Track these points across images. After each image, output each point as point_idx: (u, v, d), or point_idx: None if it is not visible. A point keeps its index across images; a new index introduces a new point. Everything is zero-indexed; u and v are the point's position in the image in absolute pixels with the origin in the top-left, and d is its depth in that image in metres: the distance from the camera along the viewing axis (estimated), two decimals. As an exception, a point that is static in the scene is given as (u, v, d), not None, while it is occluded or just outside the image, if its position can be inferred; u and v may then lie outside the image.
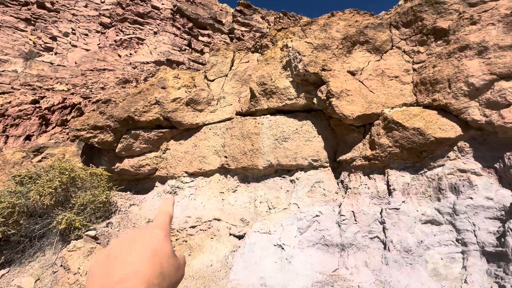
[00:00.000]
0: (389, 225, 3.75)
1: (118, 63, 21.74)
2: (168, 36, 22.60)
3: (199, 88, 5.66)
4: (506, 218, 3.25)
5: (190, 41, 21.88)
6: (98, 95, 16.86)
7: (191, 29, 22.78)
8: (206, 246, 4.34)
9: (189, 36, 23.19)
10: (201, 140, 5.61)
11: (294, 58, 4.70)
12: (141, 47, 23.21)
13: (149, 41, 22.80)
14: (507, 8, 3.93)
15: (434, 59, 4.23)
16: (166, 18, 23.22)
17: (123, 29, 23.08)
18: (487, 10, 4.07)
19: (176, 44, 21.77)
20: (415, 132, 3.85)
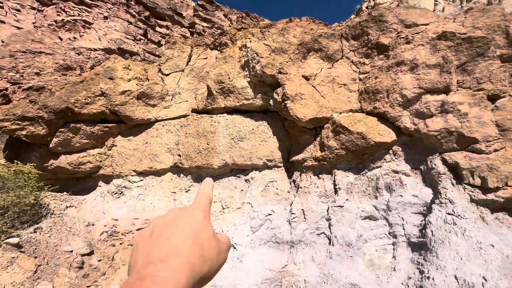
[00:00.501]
0: (334, 221, 4.04)
1: (58, 46, 19.27)
2: (121, 23, 20.83)
3: (152, 81, 5.33)
4: (427, 212, 3.78)
5: (146, 31, 20.51)
6: (32, 81, 14.71)
7: (147, 18, 21.36)
8: (154, 249, 4.10)
9: (145, 26, 21.73)
10: (153, 137, 5.28)
11: (252, 58, 4.74)
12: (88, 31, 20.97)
13: (98, 26, 20.71)
14: (433, 32, 4.57)
15: (376, 71, 4.70)
16: (119, 3, 21.36)
17: (66, 9, 20.56)
18: (419, 32, 4.68)
19: (130, 33, 20.19)
20: (358, 136, 4.22)
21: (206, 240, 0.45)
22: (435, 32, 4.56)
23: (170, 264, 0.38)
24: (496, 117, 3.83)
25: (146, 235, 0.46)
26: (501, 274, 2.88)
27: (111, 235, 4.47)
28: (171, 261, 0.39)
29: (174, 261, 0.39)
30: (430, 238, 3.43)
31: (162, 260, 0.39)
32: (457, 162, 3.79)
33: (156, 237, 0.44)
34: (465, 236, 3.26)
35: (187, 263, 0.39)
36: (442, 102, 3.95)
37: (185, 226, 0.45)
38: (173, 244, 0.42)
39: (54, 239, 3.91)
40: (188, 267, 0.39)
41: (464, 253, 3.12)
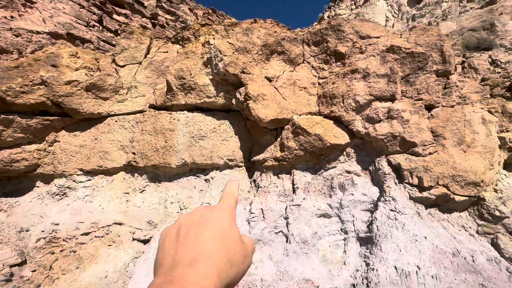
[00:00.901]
0: (292, 220, 4.17)
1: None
2: (71, 5, 18.80)
3: (104, 72, 4.89)
4: (374, 209, 4.12)
5: (101, 18, 18.84)
6: (-48, 63, 12.49)
7: (103, 3, 19.60)
8: (102, 255, 3.76)
9: (101, 12, 19.92)
10: (104, 133, 4.85)
11: (215, 56, 4.66)
12: (30, 11, 18.52)
13: (42, 6, 18.42)
14: (383, 45, 5.00)
15: (334, 77, 4.98)
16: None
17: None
18: (371, 44, 5.08)
19: (81, 17, 18.35)
20: (316, 137, 4.42)
21: (233, 243, 0.44)
22: (385, 45, 4.99)
23: (198, 269, 0.38)
24: (431, 124, 4.34)
25: (172, 233, 0.45)
26: (431, 262, 3.27)
27: (49, 241, 3.98)
28: (199, 265, 0.38)
29: (202, 266, 0.38)
30: (376, 233, 3.74)
31: (190, 264, 0.38)
32: (399, 163, 4.21)
33: (183, 236, 0.43)
34: (404, 230, 3.63)
35: (215, 268, 0.39)
36: (389, 109, 4.35)
37: (212, 228, 0.44)
38: (201, 247, 0.41)
39: (-27, 249, 3.34)
40: (215, 272, 0.38)
41: (403, 245, 3.48)
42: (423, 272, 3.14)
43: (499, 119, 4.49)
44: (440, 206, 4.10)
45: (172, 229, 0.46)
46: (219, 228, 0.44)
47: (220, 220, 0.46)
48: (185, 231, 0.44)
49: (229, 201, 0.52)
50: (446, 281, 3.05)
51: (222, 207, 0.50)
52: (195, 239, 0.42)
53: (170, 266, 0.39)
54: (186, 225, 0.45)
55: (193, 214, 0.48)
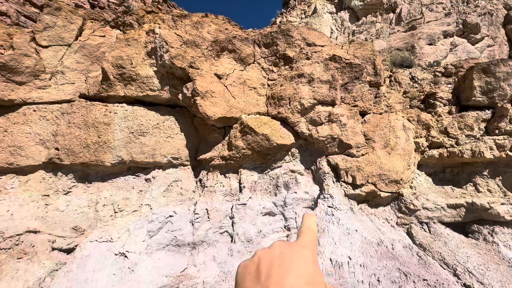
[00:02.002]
0: (237, 219, 4.14)
1: None
2: None
3: (20, 51, 4.09)
4: (314, 206, 4.39)
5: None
6: None
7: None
8: (7, 271, 3.10)
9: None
10: (17, 124, 4.05)
11: (161, 47, 4.34)
12: None
13: None
14: (327, 54, 5.39)
15: (282, 80, 5.15)
16: None
17: None
18: (316, 52, 5.42)
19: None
20: (263, 137, 4.50)
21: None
22: (328, 54, 5.39)
23: None
24: (364, 128, 4.85)
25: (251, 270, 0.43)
26: (360, 252, 3.63)
27: None
28: None
29: None
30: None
31: None
32: (337, 163, 4.58)
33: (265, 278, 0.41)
34: (339, 225, 3.95)
35: None
36: (329, 113, 4.70)
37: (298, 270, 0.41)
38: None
39: None
40: None
41: (337, 238, 3.78)
42: (353, 261, 3.46)
43: (415, 126, 5.28)
44: (369, 201, 4.61)
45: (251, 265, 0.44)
46: (305, 272, 0.42)
47: (304, 261, 0.43)
48: (267, 270, 0.42)
49: (310, 239, 0.49)
50: (371, 268, 3.42)
51: (304, 245, 0.47)
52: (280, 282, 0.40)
53: None
54: (267, 263, 0.43)
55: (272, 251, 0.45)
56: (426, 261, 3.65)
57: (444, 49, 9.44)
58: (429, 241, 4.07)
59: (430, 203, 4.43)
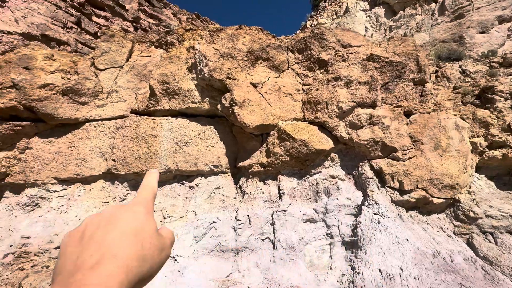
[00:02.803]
0: (278, 226, 4.15)
1: (-45, 24, 15.67)
2: (46, 6, 18.21)
3: (83, 76, 4.68)
4: (358, 213, 4.20)
5: (79, 19, 18.31)
6: None
7: (82, 5, 19.12)
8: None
9: (79, 13, 19.42)
10: (81, 139, 4.61)
11: (200, 61, 4.61)
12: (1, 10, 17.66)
13: (15, 5, 17.65)
14: (364, 54, 5.20)
15: (318, 84, 5.09)
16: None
17: (-31, -19, 16.76)
18: (353, 53, 5.26)
19: (58, 19, 17.78)
20: (301, 143, 4.47)
21: (147, 238, 0.40)
22: (365, 54, 5.19)
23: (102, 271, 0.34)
24: (410, 130, 4.53)
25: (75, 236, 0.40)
26: (413, 264, 3.37)
27: (19, 257, 3.68)
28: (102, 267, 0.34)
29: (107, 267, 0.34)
30: (360, 237, 3.81)
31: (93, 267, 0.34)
32: (381, 168, 4.34)
33: (87, 239, 0.38)
34: (387, 233, 3.72)
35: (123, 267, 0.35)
36: (370, 115, 4.50)
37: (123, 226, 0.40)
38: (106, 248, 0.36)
39: None
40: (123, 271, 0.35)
41: (386, 248, 3.56)
42: (406, 274, 3.22)
43: (470, 125, 4.78)
44: (420, 208, 4.27)
45: (76, 232, 0.41)
46: (131, 225, 0.41)
47: (133, 217, 0.42)
48: (90, 232, 0.40)
49: (145, 195, 0.49)
50: (428, 282, 3.15)
51: (137, 202, 0.46)
52: (102, 240, 0.38)
53: (69, 273, 0.35)
54: (93, 226, 0.41)
55: (102, 214, 0.43)
56: (494, 276, 3.25)
57: (500, 36, 8.43)
58: (496, 254, 3.61)
59: (495, 211, 3.94)
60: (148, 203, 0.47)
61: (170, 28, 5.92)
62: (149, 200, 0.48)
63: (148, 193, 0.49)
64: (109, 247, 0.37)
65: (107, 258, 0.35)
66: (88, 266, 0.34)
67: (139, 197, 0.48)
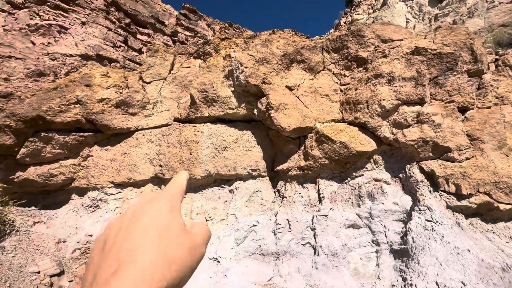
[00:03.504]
0: (319, 231, 4.04)
1: (30, 51, 18.29)
2: (100, 29, 20.20)
3: (132, 89, 5.16)
4: (407, 219, 3.89)
5: (126, 38, 20.08)
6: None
7: (128, 25, 20.87)
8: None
9: (126, 33, 21.19)
10: (132, 147, 5.07)
11: (237, 68, 4.75)
12: (64, 37, 20.11)
13: (75, 31, 19.95)
14: (407, 47, 4.84)
15: (356, 83, 4.88)
16: (98, 9, 20.75)
17: (40, 13, 19.62)
18: (394, 47, 4.94)
19: (109, 39, 19.64)
20: (341, 145, 4.31)
21: (173, 238, 0.37)
22: (409, 47, 4.83)
23: (123, 278, 0.31)
24: (467, 127, 4.08)
25: (100, 242, 0.38)
26: (477, 278, 3.00)
27: (84, 252, 4.16)
28: (123, 274, 0.31)
29: (128, 274, 0.31)
30: (411, 245, 3.51)
31: (112, 275, 0.32)
32: (433, 170, 3.97)
33: (109, 245, 0.36)
34: (443, 242, 3.37)
35: (146, 272, 0.32)
36: (418, 113, 4.16)
37: (144, 226, 0.37)
38: (127, 254, 0.34)
39: (19, 259, 3.56)
40: (148, 276, 0.32)
41: (443, 258, 3.23)
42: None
43: (544, 119, 4.12)
44: (483, 215, 3.79)
45: (101, 237, 0.39)
46: (153, 225, 0.37)
47: (156, 216, 0.38)
48: (112, 238, 0.37)
49: (171, 191, 0.45)
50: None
51: (162, 198, 0.42)
52: (120, 246, 0.35)
53: (92, 282, 0.32)
54: (115, 229, 0.38)
55: (125, 214, 0.40)
56: None
57: None
58: None
59: None
60: (174, 199, 0.43)
61: (206, 39, 6.21)
62: (176, 195, 0.44)
63: (176, 188, 0.45)
64: (128, 253, 0.34)
65: (125, 265, 0.32)
66: (103, 278, 0.32)
67: (164, 193, 0.44)
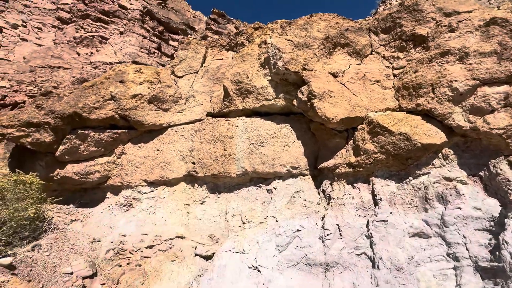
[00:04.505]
0: (377, 239, 3.36)
1: (76, 61, 19.79)
2: (135, 37, 21.28)
3: (164, 84, 4.97)
4: (497, 229, 3.05)
5: (160, 45, 20.91)
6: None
7: (161, 32, 21.77)
8: (165, 271, 3.54)
9: (159, 40, 22.12)
10: (165, 144, 4.85)
11: (274, 54, 4.30)
12: (105, 46, 21.55)
13: (114, 40, 21.29)
14: (480, 19, 3.98)
15: (415, 65, 4.13)
16: (134, 19, 21.94)
17: (84, 26, 21.23)
18: (462, 20, 4.09)
19: (144, 47, 20.60)
20: (401, 137, 3.60)
21: None
22: (482, 19, 3.97)
23: None
24: None
25: None
26: None
27: (117, 253, 3.97)
28: None
29: None
30: (510, 263, 2.70)
31: None
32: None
33: None
34: (559, 261, 2.52)
35: None
36: (506, 94, 3.30)
37: None
38: None
39: (53, 259, 3.44)
40: None
41: (563, 283, 2.38)
42: None
43: None
44: None
45: None
46: None
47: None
48: None
49: None
50: None
51: None
52: None
53: None
54: None
55: None
56: None
57: None
58: None
59: None
60: None
61: (239, 30, 5.86)
62: None
63: None
64: None
65: None
66: None
67: None
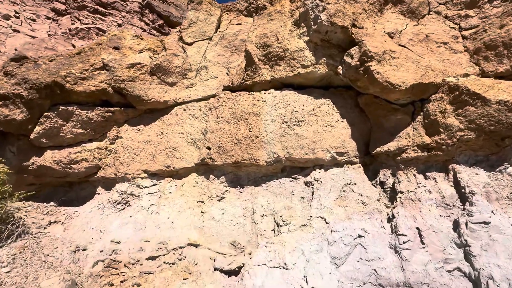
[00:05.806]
0: (477, 248, 2.37)
1: (70, 52, 18.44)
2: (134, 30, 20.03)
3: (170, 52, 3.98)
4: None
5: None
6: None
7: (161, 26, 20.58)
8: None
9: (159, 34, 20.88)
10: (171, 125, 3.86)
11: (315, 6, 3.32)
12: (101, 38, 19.94)
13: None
14: None
15: (495, 20, 3.18)
16: (133, 11, 20.75)
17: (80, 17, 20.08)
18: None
19: (143, 38, 19.06)
20: (501, 107, 2.62)
21: None
22: None
23: None
24: None
25: None
26: None
27: (108, 266, 2.94)
28: None
29: None
30: None
31: None
32: None
33: None
34: None
35: None
36: None
37: None
38: None
39: (14, 277, 2.41)
40: None
41: None
42: None
43: None
44: None
45: None
46: None
47: None
48: None
49: None
50: None
51: None
52: None
53: None
54: None
55: None
56: None
57: None
58: None
59: None
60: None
61: None
62: None
63: None
64: None
65: None
66: None
67: None
